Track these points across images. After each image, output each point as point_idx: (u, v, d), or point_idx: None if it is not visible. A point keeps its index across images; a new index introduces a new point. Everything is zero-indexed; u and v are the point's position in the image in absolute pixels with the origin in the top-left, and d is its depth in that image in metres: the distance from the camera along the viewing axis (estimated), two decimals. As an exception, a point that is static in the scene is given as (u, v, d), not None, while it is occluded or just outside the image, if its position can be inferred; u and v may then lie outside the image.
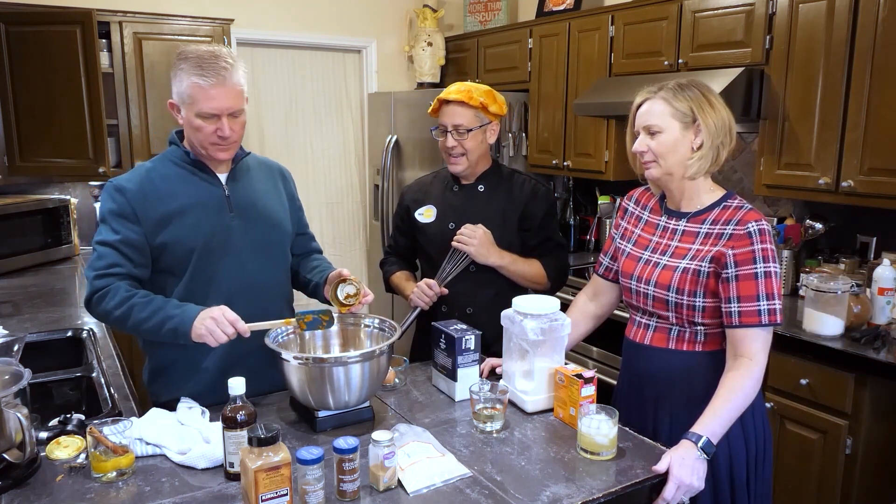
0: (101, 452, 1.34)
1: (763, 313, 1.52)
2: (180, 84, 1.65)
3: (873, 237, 2.74)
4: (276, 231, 1.86)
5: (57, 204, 3.46)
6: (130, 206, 1.68)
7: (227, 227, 1.76)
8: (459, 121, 2.07)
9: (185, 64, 1.64)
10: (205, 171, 1.77)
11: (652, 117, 1.62)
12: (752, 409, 1.61)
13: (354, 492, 1.30)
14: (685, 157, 1.61)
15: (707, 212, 1.63)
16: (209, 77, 1.62)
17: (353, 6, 4.49)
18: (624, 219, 1.83)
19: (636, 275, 1.70)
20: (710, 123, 1.58)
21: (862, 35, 2.43)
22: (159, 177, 1.73)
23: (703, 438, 1.45)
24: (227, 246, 1.75)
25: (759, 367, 1.52)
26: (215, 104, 1.64)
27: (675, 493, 1.40)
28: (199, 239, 1.72)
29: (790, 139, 2.70)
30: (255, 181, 1.86)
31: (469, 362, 1.75)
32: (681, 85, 1.62)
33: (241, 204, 1.79)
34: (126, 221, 1.68)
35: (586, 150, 3.59)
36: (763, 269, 1.53)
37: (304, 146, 4.53)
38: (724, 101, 1.63)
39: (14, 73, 3.25)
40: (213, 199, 1.76)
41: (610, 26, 3.37)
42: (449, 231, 2.12)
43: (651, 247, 1.71)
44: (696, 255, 1.60)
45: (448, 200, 2.18)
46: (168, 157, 1.78)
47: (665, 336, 1.68)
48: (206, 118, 1.65)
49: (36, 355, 2.04)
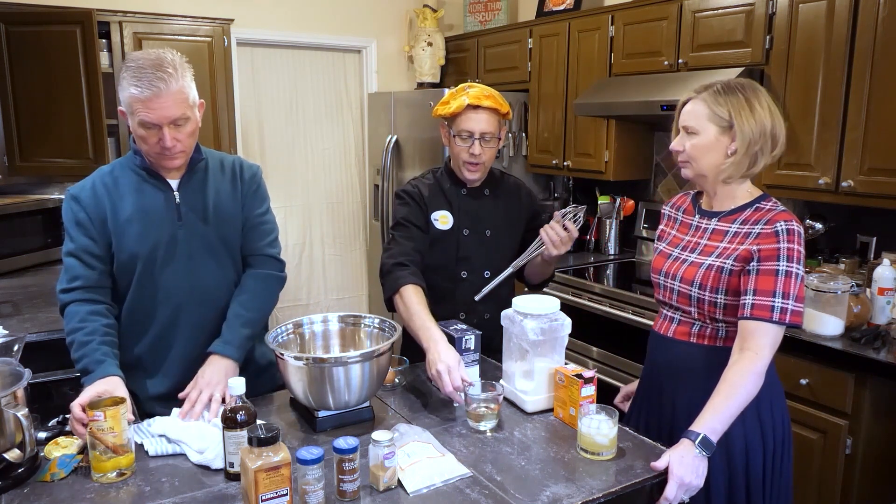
0: (100, 452, 1.34)
1: (776, 310, 1.50)
2: (122, 93, 1.61)
3: (873, 237, 2.74)
4: (228, 232, 1.81)
5: (57, 204, 3.45)
6: (85, 213, 1.70)
7: (172, 236, 1.73)
8: (488, 128, 1.97)
9: (126, 73, 1.59)
10: (156, 178, 1.74)
11: (691, 118, 1.62)
12: (771, 404, 1.61)
13: (354, 492, 1.30)
14: (719, 161, 1.60)
15: (739, 212, 1.64)
16: (144, 88, 1.56)
17: (353, 6, 4.49)
18: (663, 223, 1.85)
19: (664, 270, 1.72)
20: (747, 130, 1.56)
21: (862, 35, 2.43)
22: (112, 183, 1.73)
23: (700, 436, 1.44)
24: (173, 255, 1.74)
25: (763, 363, 1.51)
26: (154, 115, 1.59)
27: (677, 492, 1.39)
28: (144, 248, 1.71)
29: (790, 139, 2.68)
30: (210, 184, 1.80)
31: (469, 362, 1.75)
32: (726, 87, 1.60)
33: (191, 210, 1.76)
34: (82, 228, 1.70)
35: (586, 150, 3.59)
36: (785, 268, 1.52)
37: (304, 146, 4.53)
38: (773, 105, 1.59)
39: (14, 73, 3.25)
40: (161, 208, 1.73)
41: (610, 26, 3.37)
42: (464, 237, 2.06)
43: (682, 245, 1.73)
44: (723, 253, 1.61)
45: (461, 206, 2.09)
46: (125, 163, 1.77)
47: (688, 330, 1.69)
48: (147, 128, 1.61)
49: (36, 355, 2.04)
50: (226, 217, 1.80)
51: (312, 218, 4.60)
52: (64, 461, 1.38)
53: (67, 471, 1.37)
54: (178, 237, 1.74)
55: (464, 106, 1.96)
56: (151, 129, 1.61)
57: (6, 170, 3.34)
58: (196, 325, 1.78)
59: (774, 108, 1.60)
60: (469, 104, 1.96)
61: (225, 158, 1.87)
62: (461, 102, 1.97)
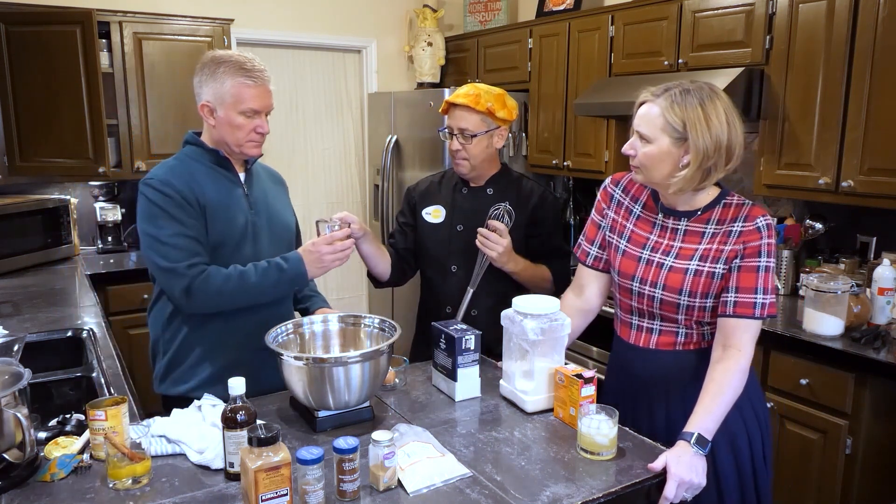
0: (117, 459, 1.34)
1: (758, 307, 1.53)
2: (221, 85, 1.74)
3: (873, 237, 2.74)
4: (287, 231, 1.98)
5: (57, 204, 3.46)
6: (182, 197, 1.74)
7: (252, 223, 1.85)
8: (464, 125, 2.06)
9: (225, 66, 1.74)
10: (229, 170, 1.85)
11: (644, 124, 1.55)
12: (751, 400, 1.61)
13: (354, 492, 1.30)
14: (669, 172, 1.55)
15: (708, 211, 1.61)
16: (257, 79, 1.76)
17: (353, 6, 4.49)
18: (611, 208, 1.75)
19: (639, 276, 1.66)
20: (702, 145, 1.49)
21: (862, 35, 2.44)
22: (189, 172, 1.79)
23: (694, 434, 1.44)
24: (255, 240, 1.84)
25: (747, 360, 1.53)
26: (260, 102, 1.78)
27: (677, 491, 1.39)
28: (233, 233, 1.80)
29: (790, 139, 2.70)
30: (266, 185, 1.96)
31: (469, 362, 1.75)
32: (685, 92, 1.52)
33: (258, 203, 1.88)
34: (185, 211, 1.73)
35: (586, 150, 3.59)
36: (765, 264, 1.54)
37: (304, 146, 4.53)
38: (732, 115, 1.52)
39: (14, 73, 3.25)
40: (237, 197, 1.84)
41: (610, 26, 3.37)
42: (457, 233, 2.12)
43: (650, 246, 1.67)
44: (706, 256, 1.58)
45: (457, 202, 2.17)
46: (190, 157, 1.83)
47: (673, 339, 1.66)
48: (248, 116, 1.77)
49: (36, 355, 2.04)
50: (283, 215, 1.97)
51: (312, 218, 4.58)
52: (64, 461, 1.37)
53: (67, 471, 1.37)
54: (257, 224, 1.86)
55: (447, 104, 2.11)
56: (252, 117, 1.78)
57: (6, 170, 3.34)
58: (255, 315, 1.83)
59: (733, 118, 1.52)
60: (450, 102, 2.10)
61: (263, 165, 2.02)
62: (445, 101, 2.12)
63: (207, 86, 1.76)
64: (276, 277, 1.76)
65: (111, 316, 3.15)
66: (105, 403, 1.39)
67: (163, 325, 1.86)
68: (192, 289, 1.70)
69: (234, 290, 1.73)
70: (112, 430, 1.37)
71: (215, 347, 1.83)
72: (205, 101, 1.78)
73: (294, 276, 1.78)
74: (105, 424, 1.36)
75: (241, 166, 1.88)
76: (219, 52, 1.79)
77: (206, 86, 1.76)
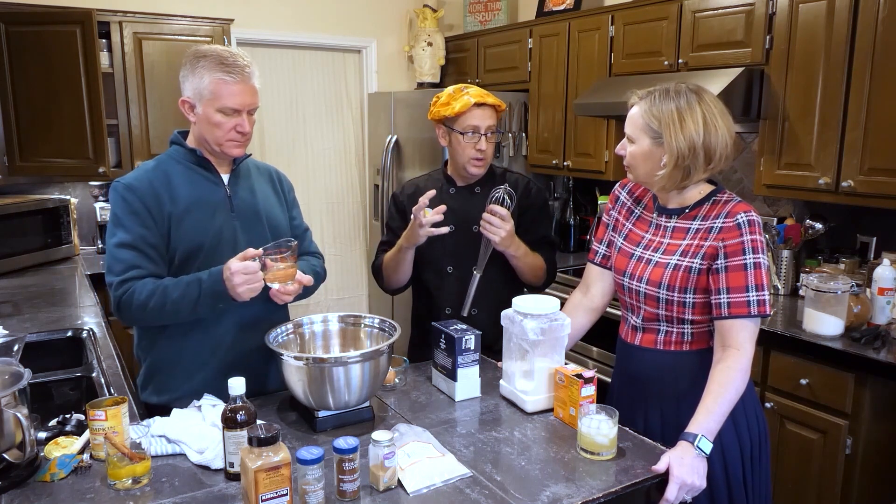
0: (117, 459, 1.34)
1: (752, 304, 1.53)
2: (200, 80, 1.67)
3: (873, 237, 2.74)
4: (275, 232, 1.87)
5: (57, 204, 3.46)
6: (142, 203, 1.69)
7: (231, 226, 1.77)
8: (491, 122, 2.08)
9: (205, 61, 1.67)
10: (210, 170, 1.79)
11: (629, 125, 1.63)
12: (744, 404, 1.61)
13: (354, 492, 1.30)
14: (651, 171, 1.60)
15: (697, 208, 1.63)
16: (234, 74, 1.67)
17: (353, 6, 4.49)
18: (615, 209, 1.82)
19: (629, 271, 1.70)
20: (675, 145, 1.53)
21: (862, 35, 2.43)
22: (164, 175, 1.74)
23: (698, 437, 1.45)
24: (232, 245, 1.76)
25: (747, 358, 1.53)
26: (239, 100, 1.69)
27: (678, 493, 1.40)
28: (206, 237, 1.73)
29: (790, 139, 2.70)
30: (254, 183, 1.88)
31: (469, 362, 1.75)
32: (665, 93, 1.57)
33: (241, 205, 1.81)
34: (139, 219, 1.68)
35: (586, 150, 3.59)
36: (752, 260, 1.53)
37: (304, 146, 4.53)
38: (713, 117, 1.54)
39: (14, 73, 3.25)
40: (216, 199, 1.77)
41: (610, 26, 3.37)
42: (450, 234, 2.11)
43: (643, 244, 1.70)
44: (687, 251, 1.60)
45: (447, 203, 2.15)
46: (171, 157, 1.79)
47: (654, 338, 1.69)
48: (227, 114, 1.69)
49: (36, 355, 2.03)
50: (271, 215, 1.87)
51: (312, 218, 4.59)
52: (64, 461, 1.37)
53: (67, 471, 1.37)
54: (236, 227, 1.78)
55: (470, 104, 2.06)
56: (231, 115, 1.69)
57: (6, 170, 3.34)
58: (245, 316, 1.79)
59: (714, 120, 1.54)
60: (475, 102, 2.06)
61: (257, 162, 1.96)
62: (466, 101, 2.06)
63: (188, 81, 1.70)
64: (195, 293, 1.63)
65: (111, 316, 3.14)
66: (105, 403, 1.39)
67: (139, 332, 1.83)
68: (121, 304, 1.66)
69: (156, 306, 1.64)
70: (112, 430, 1.37)
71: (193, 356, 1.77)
72: (185, 96, 1.72)
73: (213, 293, 1.62)
74: (105, 424, 1.36)
75: (226, 166, 1.81)
76: (203, 47, 1.72)
77: (187, 81, 1.70)
